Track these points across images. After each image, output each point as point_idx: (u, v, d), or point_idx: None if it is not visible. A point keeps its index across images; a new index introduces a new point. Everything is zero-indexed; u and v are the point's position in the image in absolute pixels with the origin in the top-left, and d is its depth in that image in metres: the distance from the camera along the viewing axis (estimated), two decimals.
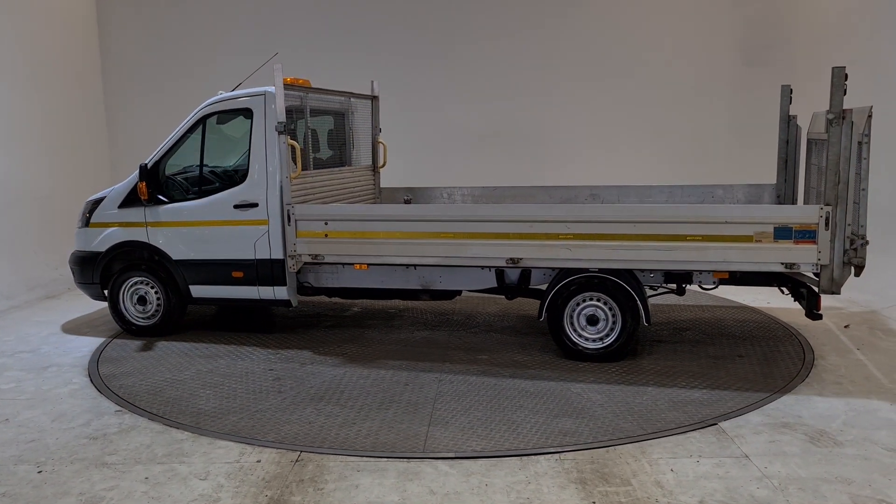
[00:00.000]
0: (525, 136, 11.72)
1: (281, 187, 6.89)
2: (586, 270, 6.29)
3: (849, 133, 5.56)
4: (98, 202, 7.72)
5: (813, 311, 6.06)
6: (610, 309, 6.34)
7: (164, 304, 7.53)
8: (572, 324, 6.46)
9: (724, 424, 5.04)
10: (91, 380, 6.33)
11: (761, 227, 5.75)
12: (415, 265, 6.76)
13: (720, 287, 6.62)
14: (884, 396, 5.53)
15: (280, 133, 6.70)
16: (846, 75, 5.50)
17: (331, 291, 7.36)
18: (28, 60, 10.47)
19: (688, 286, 6.71)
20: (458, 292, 7.22)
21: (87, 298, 8.12)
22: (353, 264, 6.90)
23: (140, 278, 7.56)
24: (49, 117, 10.87)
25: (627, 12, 11.43)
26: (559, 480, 4.31)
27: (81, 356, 7.00)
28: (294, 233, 6.80)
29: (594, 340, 6.42)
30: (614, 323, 6.35)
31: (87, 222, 7.74)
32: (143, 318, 7.64)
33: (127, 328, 7.68)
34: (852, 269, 5.82)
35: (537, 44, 11.61)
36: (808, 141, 7.19)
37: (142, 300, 7.61)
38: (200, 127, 7.28)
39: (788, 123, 7.52)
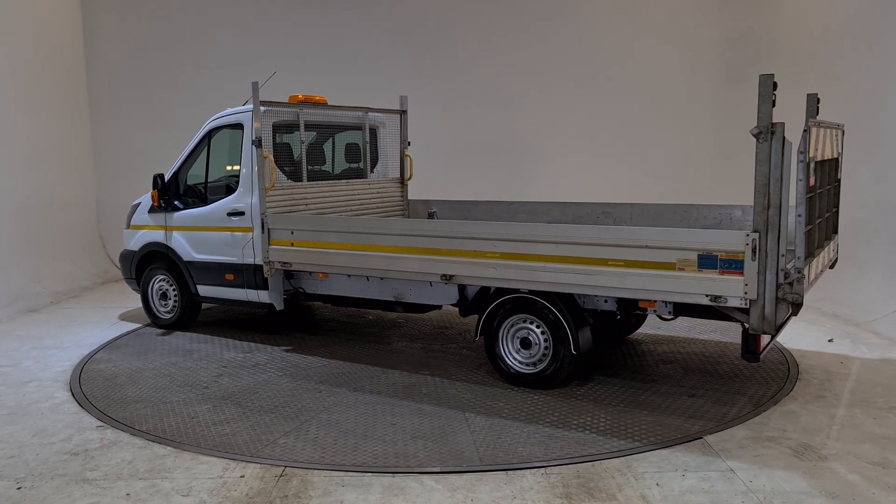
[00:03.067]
0: (514, 150, 11.80)
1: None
2: (517, 291, 6.05)
3: (779, 150, 4.89)
4: (138, 206, 8.49)
5: (750, 352, 5.21)
6: (542, 332, 6.05)
7: (179, 301, 8.22)
8: (506, 346, 6.23)
9: (710, 438, 5.05)
10: (73, 394, 6.27)
11: (684, 253, 5.18)
12: (367, 276, 6.84)
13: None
14: (867, 410, 5.56)
15: (258, 147, 7.02)
16: (775, 84, 4.90)
17: (323, 298, 7.55)
18: (12, 73, 10.41)
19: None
20: (436, 306, 7.05)
21: (72, 311, 8.51)
22: (316, 272, 7.15)
23: (163, 276, 8.29)
24: (32, 130, 10.80)
25: (626, 28, 11.63)
26: (545, 495, 4.29)
27: (63, 370, 6.93)
28: (267, 240, 7.10)
29: (527, 364, 6.14)
30: (547, 348, 6.03)
31: (128, 224, 8.58)
32: (164, 312, 8.40)
33: (154, 320, 8.48)
34: (789, 306, 5.05)
35: (532, 58, 11.74)
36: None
37: (163, 296, 8.36)
38: (207, 139, 7.87)
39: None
